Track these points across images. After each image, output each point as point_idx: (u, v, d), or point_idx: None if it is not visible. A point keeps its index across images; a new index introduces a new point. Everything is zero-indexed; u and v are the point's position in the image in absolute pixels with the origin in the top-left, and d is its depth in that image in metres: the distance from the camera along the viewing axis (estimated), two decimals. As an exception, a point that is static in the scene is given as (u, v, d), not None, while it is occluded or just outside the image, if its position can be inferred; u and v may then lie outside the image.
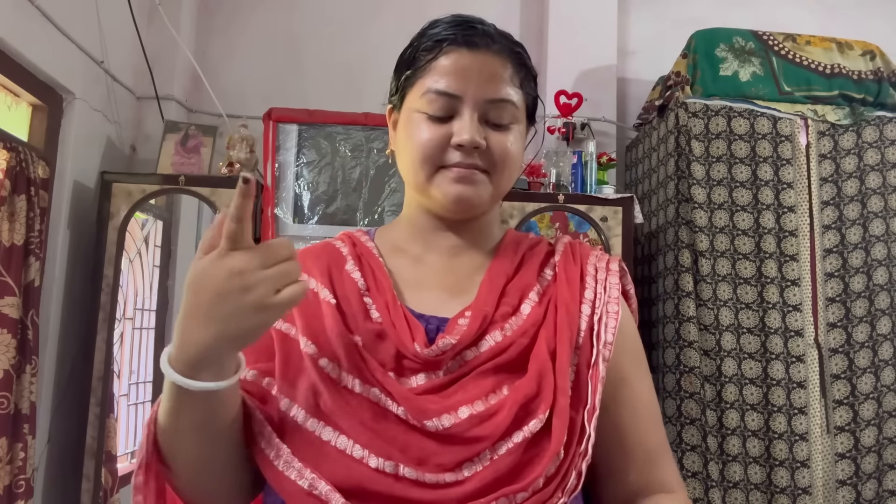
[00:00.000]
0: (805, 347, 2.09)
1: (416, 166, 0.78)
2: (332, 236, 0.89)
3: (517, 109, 0.79)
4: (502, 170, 0.78)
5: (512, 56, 0.79)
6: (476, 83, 0.76)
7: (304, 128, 2.26)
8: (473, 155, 0.76)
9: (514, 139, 0.78)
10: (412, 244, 0.85)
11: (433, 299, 0.79)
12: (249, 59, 2.70)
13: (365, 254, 0.83)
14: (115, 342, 2.11)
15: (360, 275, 0.80)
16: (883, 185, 2.19)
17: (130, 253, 2.25)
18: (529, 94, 0.83)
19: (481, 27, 0.79)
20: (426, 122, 0.77)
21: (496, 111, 0.77)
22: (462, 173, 0.76)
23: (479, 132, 0.76)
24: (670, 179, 2.19)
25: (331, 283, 0.79)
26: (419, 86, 0.78)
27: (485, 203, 0.79)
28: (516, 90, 0.79)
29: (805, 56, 2.27)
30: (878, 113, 2.24)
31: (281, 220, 2.19)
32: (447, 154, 0.76)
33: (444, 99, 0.76)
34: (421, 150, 0.77)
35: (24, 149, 1.79)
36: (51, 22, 1.93)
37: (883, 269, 2.14)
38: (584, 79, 2.65)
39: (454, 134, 0.76)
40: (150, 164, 2.34)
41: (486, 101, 0.76)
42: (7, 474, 1.67)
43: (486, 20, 0.81)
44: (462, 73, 0.76)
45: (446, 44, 0.77)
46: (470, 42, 0.76)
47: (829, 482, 2.04)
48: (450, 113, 0.76)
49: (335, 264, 0.82)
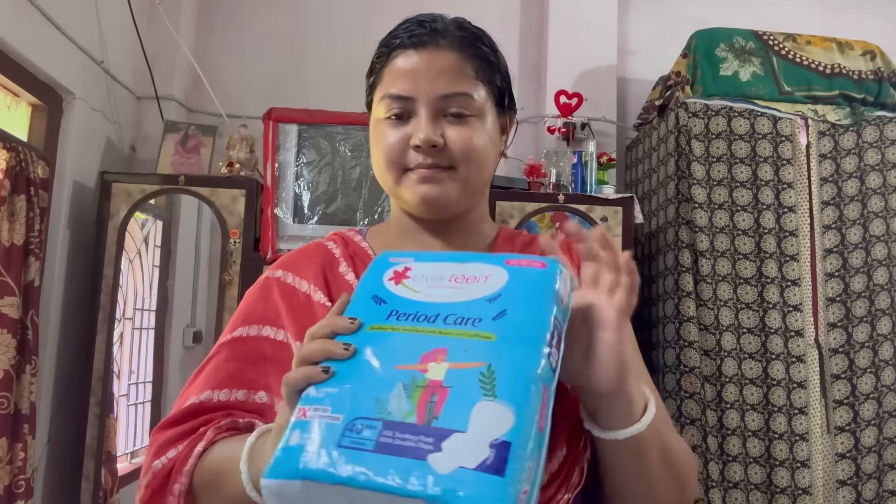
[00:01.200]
0: (805, 347, 2.09)
1: (383, 171, 0.79)
2: None
3: (476, 101, 0.78)
4: (468, 163, 0.78)
5: (465, 48, 0.79)
6: (426, 81, 0.76)
7: (304, 128, 2.26)
8: (433, 153, 0.76)
9: (476, 132, 0.78)
10: (404, 245, 0.85)
11: None
12: (249, 59, 2.70)
13: (359, 254, 0.84)
14: (114, 342, 2.11)
15: (355, 276, 0.80)
16: (883, 185, 2.19)
17: (130, 253, 2.25)
18: (493, 83, 0.81)
19: (430, 24, 0.79)
20: (387, 127, 0.78)
21: (453, 106, 0.77)
22: (424, 174, 0.77)
23: (435, 130, 0.76)
24: (670, 179, 2.19)
25: (325, 285, 0.79)
26: (378, 92, 0.79)
27: (455, 200, 0.79)
28: (472, 82, 0.78)
29: (805, 56, 2.26)
30: (878, 113, 2.24)
31: (281, 220, 2.19)
32: (409, 156, 0.77)
33: (399, 102, 0.77)
34: (385, 154, 0.78)
35: (24, 149, 1.79)
36: (50, 22, 1.93)
37: (883, 269, 2.14)
38: (584, 79, 2.65)
39: (412, 135, 0.76)
40: (149, 164, 2.34)
41: (440, 97, 0.76)
42: (7, 474, 1.67)
43: (446, 19, 0.81)
44: (411, 73, 0.76)
45: (395, 48, 0.78)
46: (417, 42, 0.77)
47: (829, 482, 2.04)
48: (407, 115, 0.77)
49: (328, 266, 0.82)
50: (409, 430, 0.55)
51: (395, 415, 0.56)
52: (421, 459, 0.53)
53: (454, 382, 0.57)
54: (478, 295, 0.63)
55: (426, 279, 0.66)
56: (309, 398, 0.59)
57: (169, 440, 0.73)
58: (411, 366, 0.58)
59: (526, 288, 0.63)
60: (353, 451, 0.54)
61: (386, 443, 0.54)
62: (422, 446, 0.54)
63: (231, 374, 0.76)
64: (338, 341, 0.60)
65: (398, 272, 0.68)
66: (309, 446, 0.55)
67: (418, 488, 0.52)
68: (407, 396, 0.57)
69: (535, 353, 0.59)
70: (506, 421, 0.54)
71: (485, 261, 0.67)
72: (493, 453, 0.52)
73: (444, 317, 0.62)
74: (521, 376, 0.57)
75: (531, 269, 0.65)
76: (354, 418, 0.56)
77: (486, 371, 0.57)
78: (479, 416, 0.54)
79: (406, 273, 0.67)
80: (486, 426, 0.54)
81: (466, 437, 0.54)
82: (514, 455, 0.53)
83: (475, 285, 0.65)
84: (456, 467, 0.52)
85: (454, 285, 0.65)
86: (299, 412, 0.58)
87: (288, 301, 0.79)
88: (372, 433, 0.55)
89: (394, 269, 0.68)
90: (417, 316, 0.63)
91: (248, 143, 2.26)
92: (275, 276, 0.83)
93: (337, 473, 0.54)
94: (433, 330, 0.61)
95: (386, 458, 0.53)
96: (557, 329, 0.61)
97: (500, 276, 0.64)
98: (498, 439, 0.53)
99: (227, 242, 2.11)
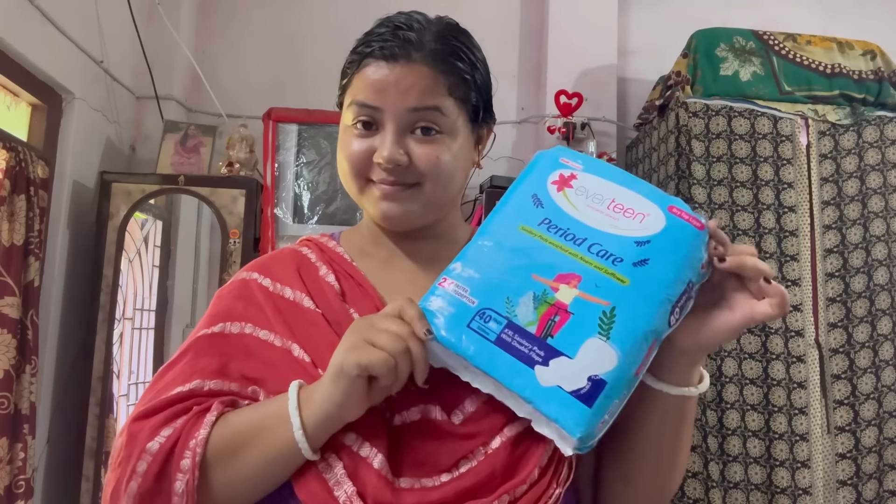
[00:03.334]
0: (805, 347, 2.09)
1: (347, 179, 0.78)
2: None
3: (446, 118, 0.75)
4: (434, 181, 0.75)
5: (439, 64, 0.75)
6: (395, 94, 0.73)
7: (304, 128, 2.26)
8: (398, 171, 0.74)
9: (445, 150, 0.75)
10: (377, 249, 0.83)
11: None
12: (249, 59, 2.70)
13: (336, 259, 0.82)
14: (114, 342, 2.11)
15: (335, 278, 0.79)
16: (884, 185, 2.19)
17: (130, 253, 2.25)
18: (467, 101, 0.78)
19: (405, 34, 0.75)
20: (353, 135, 0.76)
21: (421, 120, 0.74)
22: (386, 191, 0.75)
23: (398, 148, 0.74)
24: (671, 179, 2.19)
25: (307, 290, 0.77)
26: (347, 97, 0.78)
27: (419, 216, 0.77)
28: (444, 98, 0.75)
29: (806, 56, 2.26)
30: (878, 113, 2.24)
31: (281, 220, 2.19)
32: (373, 168, 0.75)
33: (366, 110, 0.75)
34: (348, 163, 0.76)
35: (24, 149, 1.79)
36: (50, 22, 1.93)
37: (883, 269, 2.14)
38: (584, 79, 2.65)
39: (377, 149, 0.74)
40: (149, 164, 2.34)
41: (408, 110, 0.74)
42: (7, 474, 1.67)
43: (425, 22, 0.78)
44: (380, 85, 0.74)
45: (366, 56, 0.76)
46: (388, 54, 0.74)
47: (829, 482, 2.04)
48: (375, 124, 0.75)
49: (305, 271, 0.80)
50: (527, 337, 0.62)
51: (519, 319, 0.63)
52: (528, 366, 0.61)
53: (577, 311, 0.62)
54: (630, 233, 0.65)
55: (587, 195, 0.68)
56: (454, 272, 0.67)
57: (158, 423, 0.67)
58: (546, 280, 0.64)
59: (677, 244, 0.65)
60: (477, 335, 0.63)
61: (505, 340, 0.62)
62: (533, 356, 0.61)
63: (219, 368, 0.72)
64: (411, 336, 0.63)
65: (563, 177, 0.70)
66: (443, 315, 0.65)
67: (519, 388, 0.61)
68: (534, 307, 0.63)
69: (661, 310, 0.63)
70: (609, 362, 0.61)
71: (651, 197, 0.68)
72: (588, 386, 0.60)
73: (590, 244, 0.65)
74: (638, 328, 0.62)
75: (688, 227, 0.66)
76: (485, 307, 0.64)
77: (609, 312, 0.62)
78: (587, 350, 0.61)
79: (571, 181, 0.69)
80: (590, 360, 0.61)
81: (572, 363, 0.61)
82: (606, 393, 0.60)
83: (630, 221, 0.66)
84: (554, 385, 0.60)
85: (611, 214, 0.67)
86: (442, 280, 0.67)
87: (273, 304, 0.77)
88: (496, 326, 0.63)
89: (560, 171, 0.70)
90: (567, 234, 0.66)
91: (248, 143, 2.26)
92: (252, 278, 0.80)
93: (461, 347, 0.63)
94: (576, 254, 0.65)
95: (501, 353, 0.62)
96: (688, 292, 0.65)
97: (657, 221, 0.66)
98: (597, 375, 0.60)
99: (227, 242, 2.11)
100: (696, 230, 0.65)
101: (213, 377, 0.72)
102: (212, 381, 0.72)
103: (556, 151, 0.73)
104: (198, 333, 0.77)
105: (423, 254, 0.82)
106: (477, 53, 0.81)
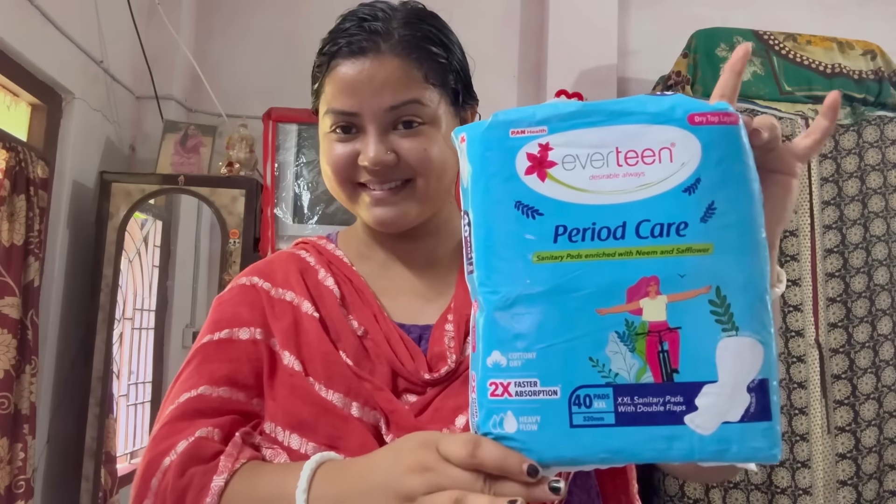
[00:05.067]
0: (805, 347, 2.09)
1: (335, 188, 0.75)
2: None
3: (427, 108, 0.71)
4: (425, 175, 0.72)
5: (411, 51, 0.71)
6: (370, 94, 0.69)
7: (304, 127, 2.26)
8: (387, 172, 0.71)
9: (431, 141, 0.72)
10: (374, 252, 0.81)
11: (410, 306, 0.77)
12: (249, 59, 2.70)
13: (334, 262, 0.79)
14: (114, 342, 2.11)
15: (334, 282, 0.77)
16: (884, 185, 2.19)
17: (130, 253, 2.25)
18: (446, 84, 0.74)
19: (370, 24, 0.71)
20: (334, 142, 0.73)
21: (402, 116, 0.71)
22: (378, 196, 0.72)
23: (385, 148, 0.70)
24: (671, 179, 2.19)
25: (309, 294, 0.75)
26: (322, 103, 0.74)
27: (415, 216, 0.74)
28: (422, 86, 0.71)
29: (806, 56, 2.26)
30: (878, 113, 2.24)
31: (281, 220, 2.19)
32: (360, 172, 0.72)
33: (344, 117, 0.71)
34: (333, 171, 0.74)
35: (24, 149, 1.79)
36: (50, 22, 1.93)
37: (884, 269, 2.14)
38: (584, 79, 2.64)
39: (361, 153, 0.71)
40: (149, 164, 2.34)
41: (387, 109, 0.70)
42: (7, 475, 1.67)
43: (389, 8, 0.73)
44: (353, 86, 0.70)
45: (334, 56, 0.72)
46: (356, 49, 0.70)
47: (829, 482, 2.04)
48: (355, 128, 0.72)
49: (305, 274, 0.78)
50: (650, 391, 0.46)
51: (624, 376, 0.47)
52: (677, 424, 0.46)
53: (682, 321, 0.47)
54: (668, 182, 0.48)
55: (581, 162, 0.48)
56: (498, 369, 0.47)
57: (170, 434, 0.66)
58: (618, 307, 0.47)
59: (727, 159, 0.49)
60: (590, 429, 0.46)
61: (628, 412, 0.46)
62: (673, 409, 0.46)
63: (229, 375, 0.71)
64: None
65: (535, 157, 0.49)
66: (530, 433, 0.46)
67: (686, 455, 0.46)
68: (630, 350, 0.47)
69: (762, 254, 0.50)
70: (757, 356, 0.47)
71: (657, 118, 0.49)
72: (753, 398, 0.46)
73: (634, 225, 0.48)
74: (756, 293, 0.49)
75: (725, 129, 0.49)
76: (574, 388, 0.47)
77: (716, 297, 0.47)
78: (726, 358, 0.47)
79: (547, 155, 0.48)
80: (737, 368, 0.47)
81: (720, 386, 0.47)
82: (773, 388, 0.47)
83: (658, 166, 0.48)
84: (720, 424, 0.46)
85: (628, 168, 0.48)
86: (493, 387, 0.47)
87: (274, 310, 0.75)
88: (606, 403, 0.46)
89: (525, 150, 0.49)
90: (597, 230, 0.48)
91: (248, 143, 2.26)
92: (252, 283, 0.78)
93: (585, 456, 0.47)
94: (627, 250, 0.48)
95: (635, 431, 0.46)
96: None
97: (689, 145, 0.48)
98: (755, 380, 0.47)
99: (227, 242, 2.11)
100: (733, 127, 0.50)
101: (221, 384, 0.70)
102: (220, 389, 0.69)
103: (495, 126, 0.50)
104: (202, 340, 0.74)
105: (420, 253, 0.80)
106: (450, 35, 0.76)
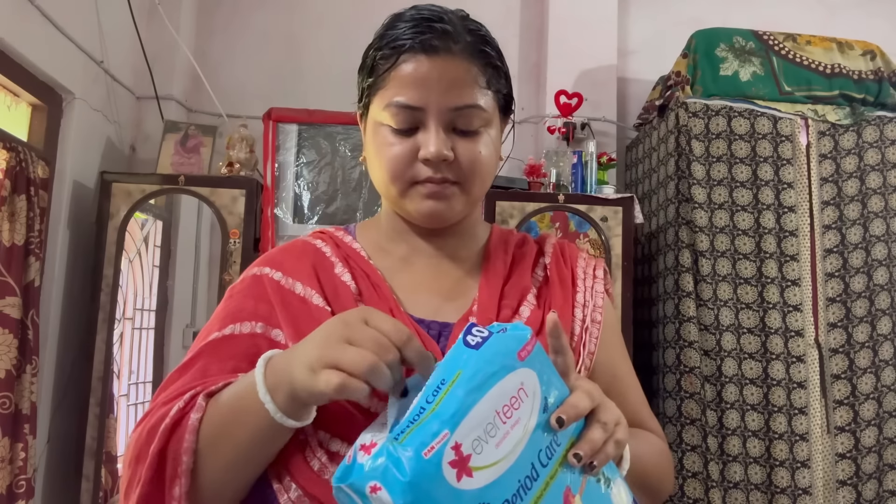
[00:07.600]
0: (805, 347, 2.09)
1: (387, 183, 0.75)
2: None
3: (486, 112, 0.73)
4: (474, 178, 0.74)
5: (477, 56, 0.73)
6: (438, 92, 0.71)
7: (304, 128, 2.26)
8: (442, 168, 0.72)
9: (484, 145, 0.74)
10: (396, 246, 0.81)
11: (429, 303, 0.77)
12: (249, 59, 2.70)
13: (352, 255, 0.79)
14: (114, 342, 2.11)
15: (351, 277, 0.76)
16: (883, 185, 2.19)
17: (130, 253, 2.25)
18: (500, 91, 0.77)
19: (441, 26, 0.72)
20: (392, 136, 0.73)
21: (463, 118, 0.72)
22: (433, 189, 0.73)
23: (446, 144, 0.72)
24: (670, 179, 2.19)
25: (320, 287, 0.75)
26: (381, 97, 0.74)
27: (459, 213, 0.77)
28: (483, 92, 0.73)
29: (805, 56, 2.26)
30: (878, 113, 2.24)
31: (281, 220, 2.19)
32: (416, 168, 0.73)
33: (407, 112, 0.71)
34: (390, 166, 0.73)
35: (24, 149, 1.79)
36: (51, 22, 1.93)
37: (883, 269, 2.14)
38: (584, 79, 2.65)
39: (421, 147, 0.72)
40: (149, 164, 2.34)
41: (451, 109, 0.71)
42: (8, 474, 1.67)
43: (449, 13, 0.75)
44: (422, 82, 0.71)
45: (404, 51, 0.71)
46: (428, 47, 0.71)
47: (829, 482, 2.04)
48: (415, 125, 0.72)
49: (320, 266, 0.77)
50: None
51: None
52: None
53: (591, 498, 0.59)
54: (535, 415, 0.55)
55: (483, 439, 0.52)
56: None
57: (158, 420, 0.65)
58: None
59: (544, 369, 0.58)
60: None
61: None
62: None
63: (232, 372, 0.70)
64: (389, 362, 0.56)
65: (456, 461, 0.50)
66: None
67: None
68: None
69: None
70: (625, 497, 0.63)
71: (504, 370, 0.55)
72: None
73: (539, 465, 0.54)
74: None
75: (537, 349, 0.58)
76: None
77: (603, 475, 0.61)
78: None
79: (462, 452, 0.51)
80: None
81: None
82: None
83: (523, 407, 0.55)
84: None
85: (510, 421, 0.54)
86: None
87: (282, 301, 0.74)
88: None
89: (446, 461, 0.50)
90: (522, 487, 0.53)
91: (248, 143, 2.26)
92: (263, 273, 0.77)
93: None
94: (545, 483, 0.54)
95: None
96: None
97: (527, 378, 0.56)
98: None
99: (227, 242, 2.11)
100: (539, 346, 0.59)
101: (223, 379, 0.69)
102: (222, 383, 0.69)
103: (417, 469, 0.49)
104: (209, 337, 0.74)
105: (445, 251, 0.81)
106: (497, 43, 0.79)
